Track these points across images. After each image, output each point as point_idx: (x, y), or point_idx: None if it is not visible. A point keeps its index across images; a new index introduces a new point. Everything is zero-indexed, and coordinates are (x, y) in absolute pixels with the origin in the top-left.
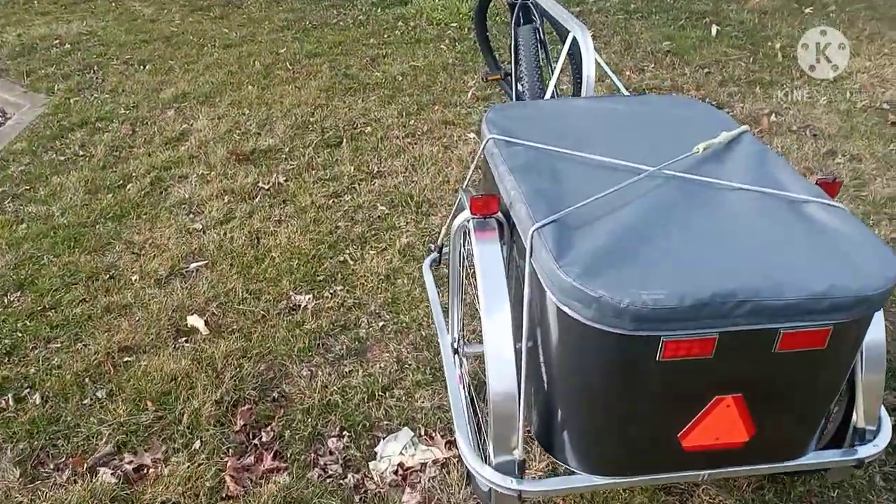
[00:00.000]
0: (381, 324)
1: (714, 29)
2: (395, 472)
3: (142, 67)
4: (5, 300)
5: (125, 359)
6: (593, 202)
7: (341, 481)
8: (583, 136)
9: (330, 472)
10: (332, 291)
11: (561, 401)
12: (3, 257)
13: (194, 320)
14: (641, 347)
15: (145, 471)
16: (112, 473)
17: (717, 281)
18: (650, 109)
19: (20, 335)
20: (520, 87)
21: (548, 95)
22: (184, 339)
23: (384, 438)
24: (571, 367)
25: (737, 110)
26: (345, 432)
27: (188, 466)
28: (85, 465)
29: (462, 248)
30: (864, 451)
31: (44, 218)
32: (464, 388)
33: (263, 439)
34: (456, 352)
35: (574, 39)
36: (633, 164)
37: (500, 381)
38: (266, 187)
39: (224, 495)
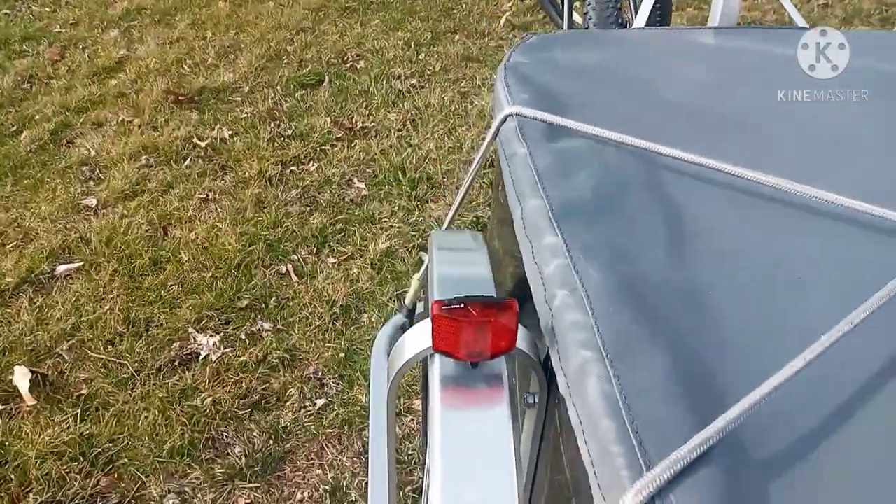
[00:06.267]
0: (320, 402)
1: None
2: None
3: None
4: None
5: None
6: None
7: None
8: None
9: None
10: (253, 330)
11: None
12: None
13: (20, 377)
14: None
15: None
16: None
17: None
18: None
19: None
20: (584, 6)
21: (639, 22)
22: None
23: None
24: None
25: None
26: None
27: None
28: None
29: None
30: None
31: None
32: None
33: None
34: None
35: None
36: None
37: None
38: (202, 145)
39: None
